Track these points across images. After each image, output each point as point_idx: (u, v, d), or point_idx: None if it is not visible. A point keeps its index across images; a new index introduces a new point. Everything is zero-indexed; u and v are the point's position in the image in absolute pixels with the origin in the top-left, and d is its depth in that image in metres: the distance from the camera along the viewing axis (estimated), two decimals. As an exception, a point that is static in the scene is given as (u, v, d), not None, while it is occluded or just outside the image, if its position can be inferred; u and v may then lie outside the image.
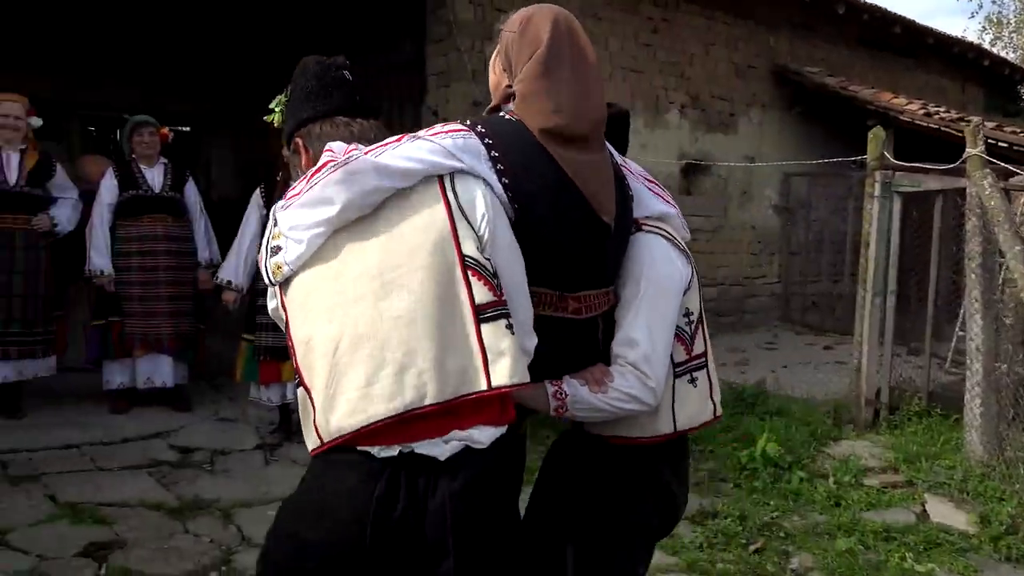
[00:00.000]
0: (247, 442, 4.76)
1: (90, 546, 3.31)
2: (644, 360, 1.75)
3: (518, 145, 1.62)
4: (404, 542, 1.48)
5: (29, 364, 4.70)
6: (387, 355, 1.46)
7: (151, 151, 5.02)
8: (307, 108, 1.74)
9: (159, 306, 4.96)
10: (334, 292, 1.50)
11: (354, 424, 1.45)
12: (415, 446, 1.46)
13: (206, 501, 3.86)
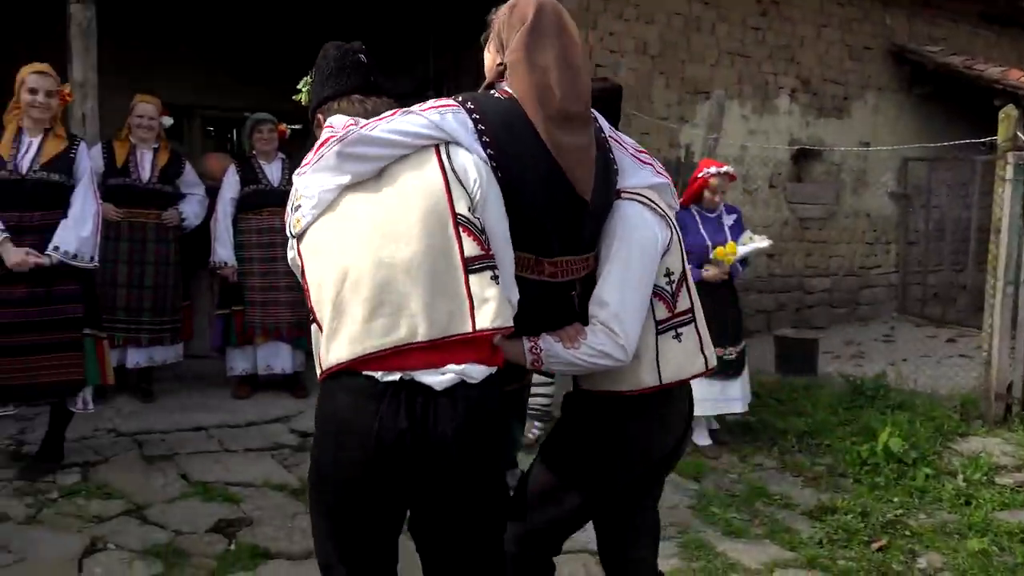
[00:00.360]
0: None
1: (220, 522, 3.47)
2: (614, 318, 1.90)
3: (505, 119, 1.79)
4: (403, 460, 1.67)
5: (159, 350, 4.96)
6: (385, 297, 1.68)
7: (270, 147, 5.21)
8: (327, 88, 1.96)
9: (278, 295, 5.14)
10: (341, 242, 1.73)
11: (353, 353, 1.68)
12: (415, 374, 1.67)
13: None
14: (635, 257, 1.95)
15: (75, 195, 3.80)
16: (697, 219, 4.72)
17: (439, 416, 1.67)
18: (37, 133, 3.78)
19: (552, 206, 1.84)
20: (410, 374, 1.67)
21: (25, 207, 3.70)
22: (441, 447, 1.67)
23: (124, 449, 4.23)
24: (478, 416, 1.71)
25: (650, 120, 7.04)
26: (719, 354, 4.58)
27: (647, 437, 2.07)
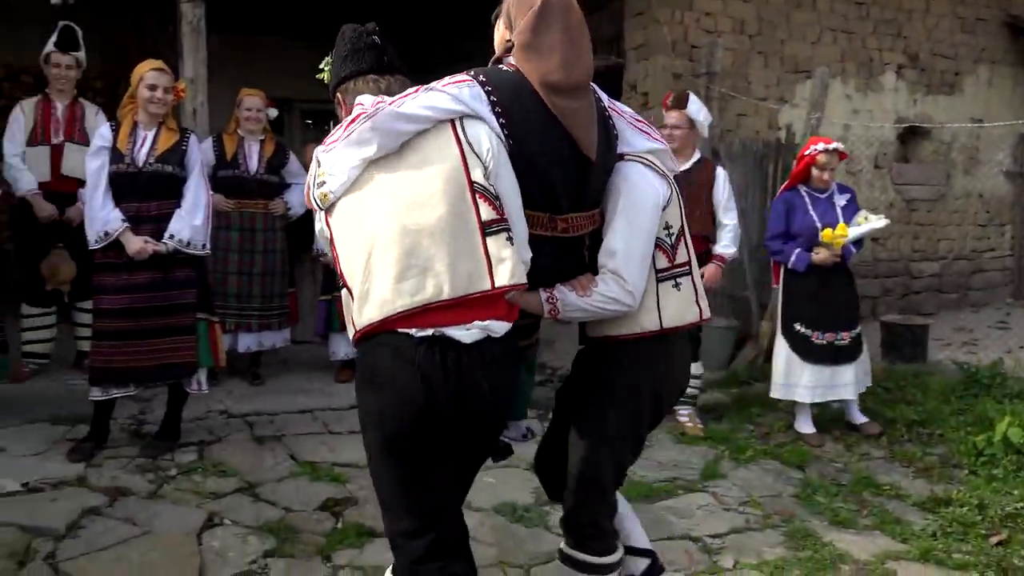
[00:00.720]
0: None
1: (328, 501, 3.59)
2: (622, 267, 2.08)
3: (514, 91, 1.95)
4: (439, 407, 1.86)
5: (267, 335, 5.15)
6: (411, 260, 1.85)
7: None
8: (344, 68, 2.12)
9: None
10: (368, 212, 1.89)
11: (384, 313, 1.85)
12: (445, 330, 1.86)
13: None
14: (640, 209, 2.14)
15: (187, 186, 3.97)
16: (806, 200, 4.59)
17: (469, 367, 1.87)
18: (151, 127, 3.96)
19: (559, 166, 2.02)
20: (441, 330, 1.86)
21: (143, 198, 3.89)
22: (472, 394, 1.89)
23: (236, 430, 4.42)
24: (501, 366, 1.94)
25: (747, 101, 6.88)
26: (830, 340, 4.50)
27: (653, 377, 2.26)
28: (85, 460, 3.83)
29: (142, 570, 2.89)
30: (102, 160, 3.83)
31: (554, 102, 1.96)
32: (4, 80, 8.31)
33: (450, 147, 1.90)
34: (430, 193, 1.87)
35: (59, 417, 4.36)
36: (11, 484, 3.52)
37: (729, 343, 6.13)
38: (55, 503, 3.38)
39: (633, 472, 4.12)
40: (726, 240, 4.66)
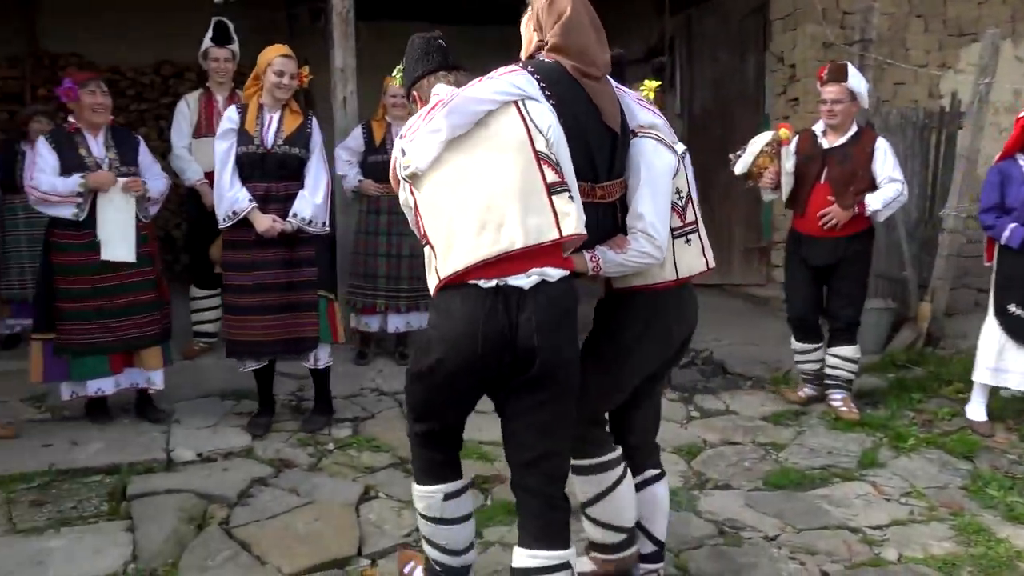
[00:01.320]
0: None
1: (476, 478, 3.65)
2: (651, 226, 2.45)
3: (556, 77, 2.33)
4: (503, 348, 2.16)
5: (415, 316, 5.27)
6: (488, 217, 2.16)
7: None
8: (417, 69, 2.50)
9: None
10: (449, 180, 2.22)
11: (466, 262, 2.16)
12: (508, 279, 2.15)
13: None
14: (659, 178, 2.50)
15: (309, 166, 4.12)
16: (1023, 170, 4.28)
17: (527, 308, 2.16)
18: (276, 109, 4.09)
19: (596, 138, 2.38)
20: (504, 279, 2.16)
21: (271, 179, 4.05)
22: (530, 331, 2.16)
23: (387, 407, 4.58)
24: (557, 305, 2.20)
25: (906, 69, 6.47)
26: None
27: (669, 322, 2.62)
28: (262, 433, 4.07)
29: (307, 539, 3.05)
30: (230, 142, 3.99)
31: (588, 84, 2.35)
32: (171, 78, 8.90)
33: (516, 123, 2.23)
34: (502, 161, 2.20)
35: (226, 392, 4.65)
36: (188, 454, 3.79)
37: (885, 325, 5.82)
38: (226, 472, 3.62)
39: (784, 458, 4.00)
40: (877, 194, 4.42)
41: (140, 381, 4.16)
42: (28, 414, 4.32)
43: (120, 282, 3.99)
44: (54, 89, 5.69)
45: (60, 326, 3.93)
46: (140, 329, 4.05)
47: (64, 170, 3.90)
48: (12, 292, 5.48)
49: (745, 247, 7.64)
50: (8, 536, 3.06)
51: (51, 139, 3.97)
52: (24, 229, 5.49)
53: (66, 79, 3.91)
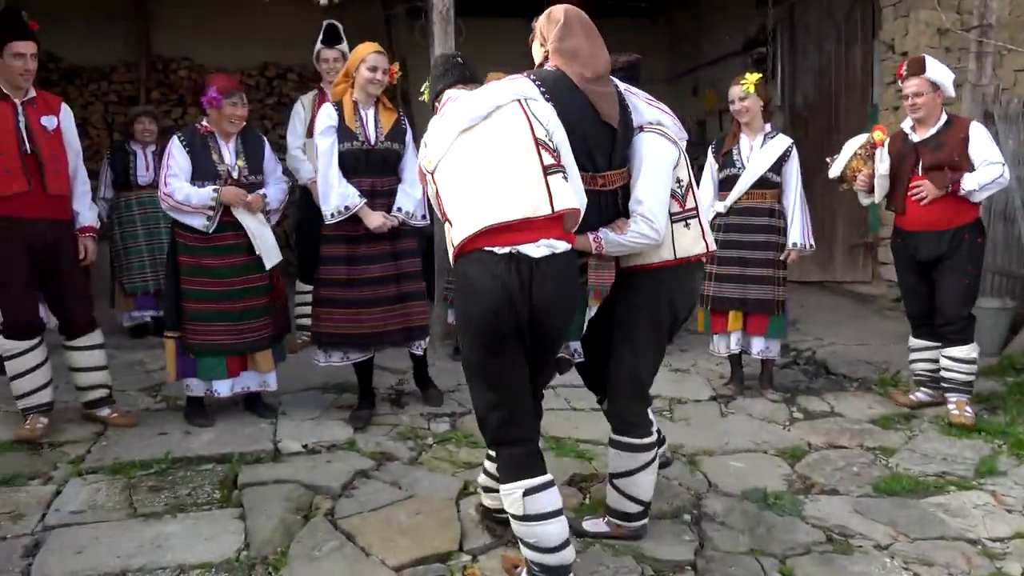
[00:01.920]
0: (701, 393, 4.86)
1: (574, 476, 3.65)
2: (649, 211, 2.79)
3: (555, 82, 2.71)
4: (516, 308, 2.46)
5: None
6: (493, 191, 2.49)
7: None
8: (438, 84, 2.96)
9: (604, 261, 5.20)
10: (461, 164, 2.57)
11: (474, 227, 2.46)
12: (519, 248, 2.45)
13: (671, 446, 4.02)
14: (658, 167, 2.84)
15: (405, 161, 4.20)
16: None
17: (538, 277, 2.46)
18: (369, 106, 4.16)
19: (594, 133, 2.73)
20: (516, 248, 2.45)
21: (376, 174, 4.14)
22: (540, 298, 2.47)
23: (484, 402, 4.61)
24: (564, 277, 2.54)
25: (1028, 54, 6.11)
26: None
27: (674, 295, 2.96)
28: (363, 426, 4.17)
29: (409, 531, 3.09)
30: (332, 138, 4.07)
31: (587, 87, 2.72)
32: (275, 79, 9.19)
33: (519, 115, 2.58)
34: (505, 146, 2.53)
35: (328, 386, 4.78)
36: (294, 445, 3.90)
37: (1004, 326, 5.53)
38: (330, 464, 3.70)
39: (895, 464, 3.85)
40: (973, 175, 4.20)
41: (254, 384, 4.29)
42: (145, 403, 4.54)
43: (240, 287, 4.12)
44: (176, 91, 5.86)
45: (185, 325, 4.09)
46: (255, 333, 4.18)
47: (196, 175, 4.03)
48: (135, 285, 5.81)
49: (850, 243, 7.38)
50: (130, 520, 3.21)
51: (185, 142, 4.07)
52: (141, 224, 5.83)
53: (212, 88, 4.02)
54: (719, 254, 4.69)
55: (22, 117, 3.78)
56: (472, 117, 2.58)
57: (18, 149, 3.73)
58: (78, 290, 4.03)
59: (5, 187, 3.71)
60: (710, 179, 4.84)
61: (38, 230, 3.81)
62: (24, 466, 3.66)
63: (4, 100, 3.76)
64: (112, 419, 4.11)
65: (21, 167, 3.73)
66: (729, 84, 4.84)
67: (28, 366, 3.91)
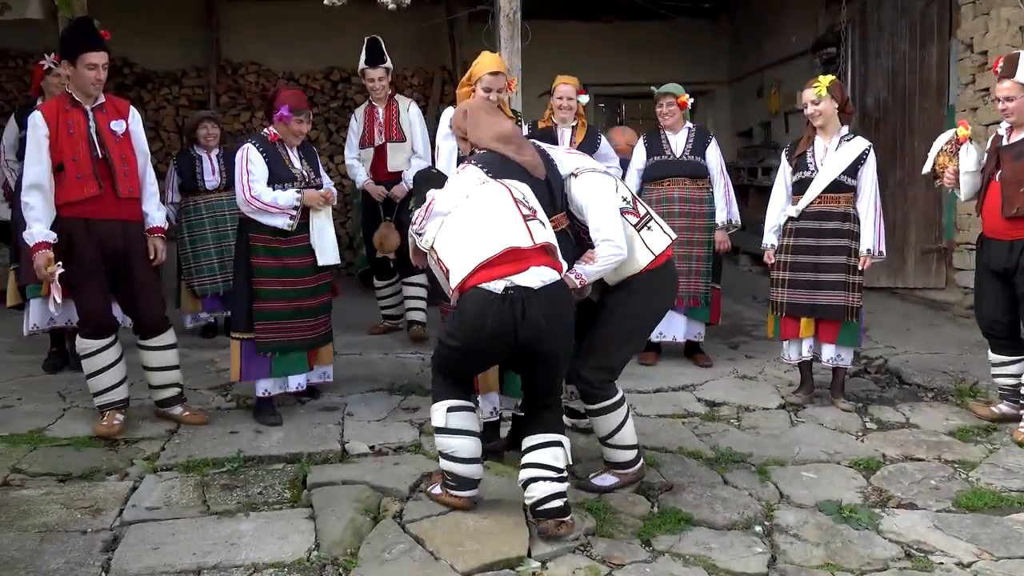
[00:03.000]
0: (770, 400, 4.76)
1: (642, 484, 3.60)
2: (608, 234, 3.28)
3: (491, 160, 3.32)
4: (513, 335, 2.93)
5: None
6: (479, 236, 3.01)
7: (672, 119, 5.25)
8: (424, 190, 3.47)
9: (681, 265, 5.15)
10: (452, 230, 3.10)
11: (469, 267, 2.96)
12: (513, 279, 2.91)
13: (739, 455, 3.95)
14: (601, 199, 3.35)
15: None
16: None
17: (531, 307, 2.89)
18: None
19: (534, 189, 3.23)
20: (511, 279, 2.90)
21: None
22: (533, 325, 2.91)
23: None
24: (556, 303, 2.98)
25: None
26: None
27: (663, 291, 3.52)
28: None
29: (477, 536, 3.09)
30: (453, 143, 4.00)
31: (511, 156, 3.32)
32: (339, 82, 9.31)
33: (496, 186, 3.13)
34: (491, 206, 3.07)
35: (394, 387, 4.80)
36: (361, 446, 3.93)
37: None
38: (397, 467, 3.72)
39: (976, 478, 3.72)
40: None
41: (315, 376, 4.48)
42: (216, 402, 4.62)
43: (313, 284, 4.28)
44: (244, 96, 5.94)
45: (261, 325, 4.16)
46: (324, 328, 4.38)
47: (274, 179, 4.14)
48: (204, 287, 5.93)
49: (922, 248, 7.16)
50: (203, 517, 3.27)
51: (260, 148, 4.18)
52: (210, 227, 5.93)
53: (284, 106, 4.16)
54: (791, 259, 4.60)
55: (92, 123, 3.88)
56: (453, 203, 3.15)
57: (90, 154, 3.84)
58: (150, 290, 4.12)
59: (78, 191, 3.82)
60: (783, 182, 4.74)
61: (110, 232, 3.91)
62: (102, 461, 3.76)
63: (76, 107, 3.87)
64: (184, 417, 4.20)
65: (93, 171, 3.84)
66: (796, 85, 4.75)
67: (103, 364, 4.01)
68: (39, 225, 3.79)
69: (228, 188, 5.97)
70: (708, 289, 5.33)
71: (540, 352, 3.01)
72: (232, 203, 5.80)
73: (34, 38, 7.59)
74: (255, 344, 4.16)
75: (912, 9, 7.07)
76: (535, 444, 3.16)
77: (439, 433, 3.21)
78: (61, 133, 3.81)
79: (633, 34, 10.11)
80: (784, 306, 4.64)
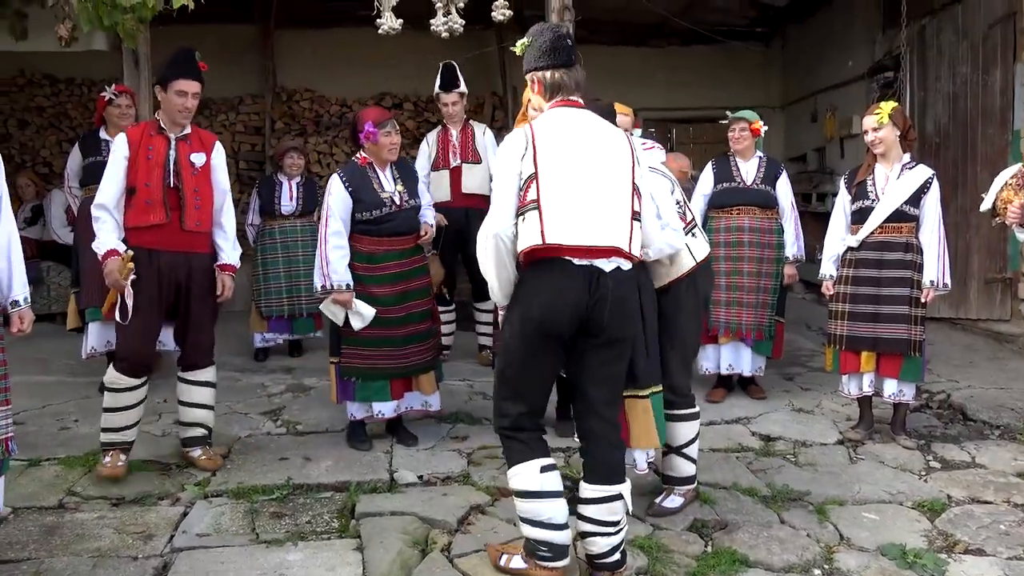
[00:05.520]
0: (827, 435, 4.62)
1: (696, 522, 3.50)
2: (672, 223, 3.33)
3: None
4: (587, 315, 2.79)
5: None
6: (590, 216, 2.81)
7: (743, 145, 5.17)
8: (541, 60, 2.94)
9: (741, 296, 5.08)
10: (570, 169, 2.85)
11: (569, 239, 2.76)
12: (595, 262, 2.78)
13: (796, 493, 3.83)
14: (666, 194, 3.41)
15: None
16: None
17: (604, 286, 2.78)
18: None
19: None
20: (592, 262, 2.78)
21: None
22: (606, 300, 2.78)
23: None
24: (627, 286, 2.87)
25: None
26: None
27: (706, 287, 3.74)
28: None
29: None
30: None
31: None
32: (390, 108, 9.41)
33: (626, 152, 2.92)
34: (610, 178, 2.85)
35: (443, 415, 4.77)
36: (409, 476, 3.91)
37: None
38: (446, 497, 3.68)
39: (1050, 524, 3.54)
40: None
41: (416, 404, 4.39)
42: (267, 427, 4.65)
43: (402, 314, 4.21)
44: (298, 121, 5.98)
45: (345, 350, 4.18)
46: (417, 357, 4.26)
47: (362, 207, 4.11)
48: (271, 309, 6.11)
49: (986, 278, 6.94)
50: (252, 545, 3.26)
51: (345, 179, 4.13)
52: (281, 252, 6.16)
53: (367, 123, 4.11)
54: (851, 291, 4.48)
55: (173, 151, 3.87)
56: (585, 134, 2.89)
57: (162, 181, 3.82)
58: (203, 326, 4.06)
59: (144, 217, 3.79)
60: (842, 211, 4.63)
61: (173, 263, 3.85)
62: (155, 486, 3.80)
63: (160, 134, 3.88)
64: (200, 461, 4.02)
65: (162, 199, 3.80)
66: (851, 110, 4.65)
67: (125, 404, 3.84)
68: (111, 236, 3.75)
69: (304, 215, 6.19)
70: (773, 323, 5.19)
71: (604, 333, 2.82)
72: (306, 230, 6.11)
73: (100, 66, 7.80)
74: (340, 368, 4.21)
75: (974, 32, 6.90)
76: (594, 498, 2.95)
77: (527, 498, 2.92)
78: (140, 157, 3.80)
79: (684, 59, 10.07)
80: (844, 339, 4.51)
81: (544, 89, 2.98)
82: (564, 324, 2.79)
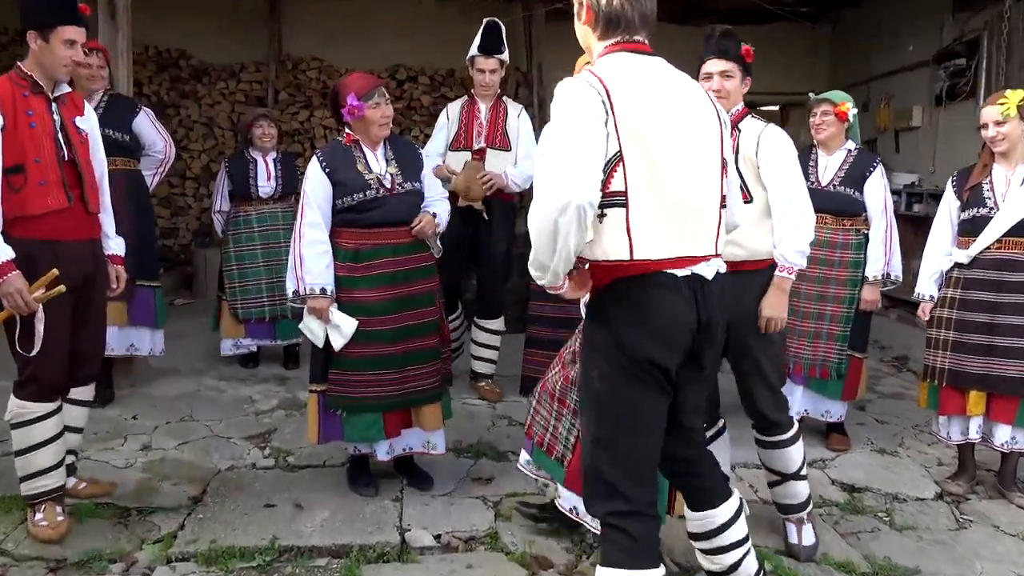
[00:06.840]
0: (922, 487, 3.85)
1: None
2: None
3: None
4: (699, 338, 2.25)
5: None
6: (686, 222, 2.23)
7: (827, 133, 4.29)
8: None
9: (794, 323, 4.06)
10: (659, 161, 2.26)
11: (666, 253, 2.18)
12: (694, 269, 2.23)
13: (903, 570, 3.08)
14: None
15: None
16: None
17: (708, 296, 2.24)
18: None
19: None
20: (692, 269, 2.21)
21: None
22: (710, 315, 2.24)
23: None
24: (727, 293, 2.38)
25: None
26: None
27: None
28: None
29: None
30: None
31: None
32: (405, 81, 8.63)
33: (714, 123, 2.30)
34: (699, 164, 2.24)
35: (460, 447, 4.03)
36: (424, 537, 3.12)
37: None
38: (471, 571, 2.92)
39: None
40: None
41: (417, 445, 3.51)
42: (252, 457, 3.89)
43: (400, 324, 3.35)
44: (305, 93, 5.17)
45: (331, 375, 3.34)
46: (418, 382, 3.39)
47: (343, 191, 3.29)
48: (249, 311, 5.16)
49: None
50: (223, 636, 2.53)
51: (324, 161, 3.33)
52: (260, 242, 5.19)
53: (349, 95, 3.27)
54: (956, 316, 3.71)
55: (57, 116, 3.00)
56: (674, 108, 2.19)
57: (56, 155, 2.95)
58: (102, 328, 3.26)
59: (41, 203, 2.89)
60: (948, 220, 3.85)
61: (79, 255, 3.03)
62: (106, 542, 3.03)
63: (38, 93, 2.97)
64: (79, 491, 3.31)
65: (60, 178, 2.95)
66: (909, 99, 3.88)
67: (41, 438, 3.01)
68: None
69: (284, 197, 5.27)
70: (844, 359, 4.19)
71: (709, 349, 2.30)
72: (288, 215, 5.14)
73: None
74: (325, 398, 3.37)
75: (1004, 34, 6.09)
76: (732, 517, 2.53)
77: None
78: (20, 124, 2.88)
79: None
80: (945, 373, 3.74)
81: (595, 20, 2.22)
82: (678, 353, 2.19)
